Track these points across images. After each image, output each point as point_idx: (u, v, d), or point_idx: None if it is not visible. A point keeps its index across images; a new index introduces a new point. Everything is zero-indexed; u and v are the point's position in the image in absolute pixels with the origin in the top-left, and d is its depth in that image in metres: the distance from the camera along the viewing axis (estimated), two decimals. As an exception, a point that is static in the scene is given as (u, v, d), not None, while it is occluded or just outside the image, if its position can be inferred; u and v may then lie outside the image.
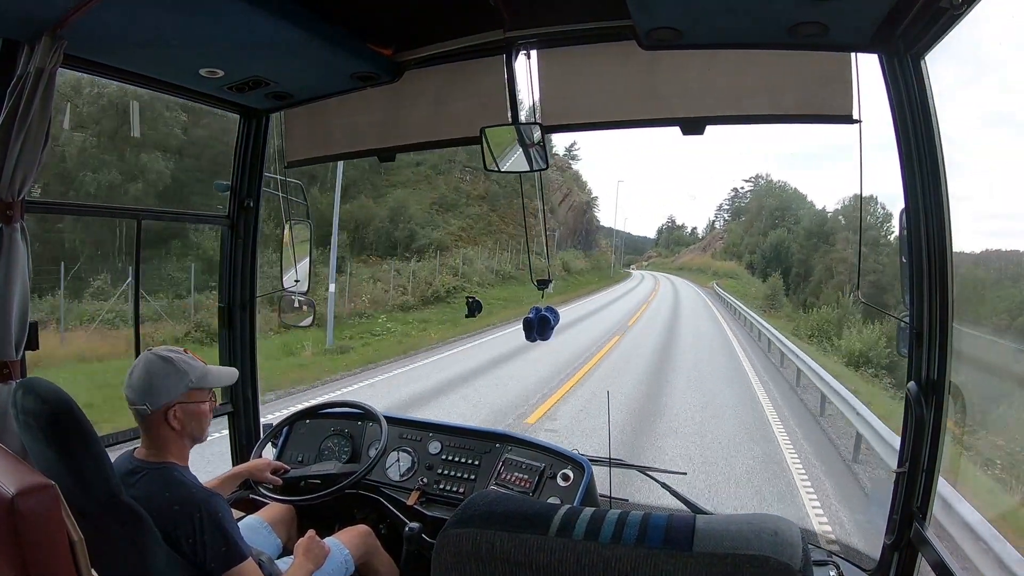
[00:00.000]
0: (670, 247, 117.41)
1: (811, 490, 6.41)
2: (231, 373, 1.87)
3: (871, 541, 4.32)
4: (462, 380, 11.23)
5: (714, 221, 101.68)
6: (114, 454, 1.64)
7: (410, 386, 10.77)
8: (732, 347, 17.36)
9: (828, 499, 6.24)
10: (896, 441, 3.79)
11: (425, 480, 2.38)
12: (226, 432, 2.62)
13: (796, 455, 7.55)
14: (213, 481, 2.00)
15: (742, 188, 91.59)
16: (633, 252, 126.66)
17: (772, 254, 59.53)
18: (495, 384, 10.83)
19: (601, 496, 2.27)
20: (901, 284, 1.78)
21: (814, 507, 5.99)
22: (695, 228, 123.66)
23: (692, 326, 22.73)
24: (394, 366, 13.15)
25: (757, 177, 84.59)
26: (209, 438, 1.78)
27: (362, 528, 2.18)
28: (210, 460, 3.30)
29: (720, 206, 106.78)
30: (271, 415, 4.91)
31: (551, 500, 2.13)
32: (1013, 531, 4.28)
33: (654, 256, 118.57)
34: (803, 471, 6.99)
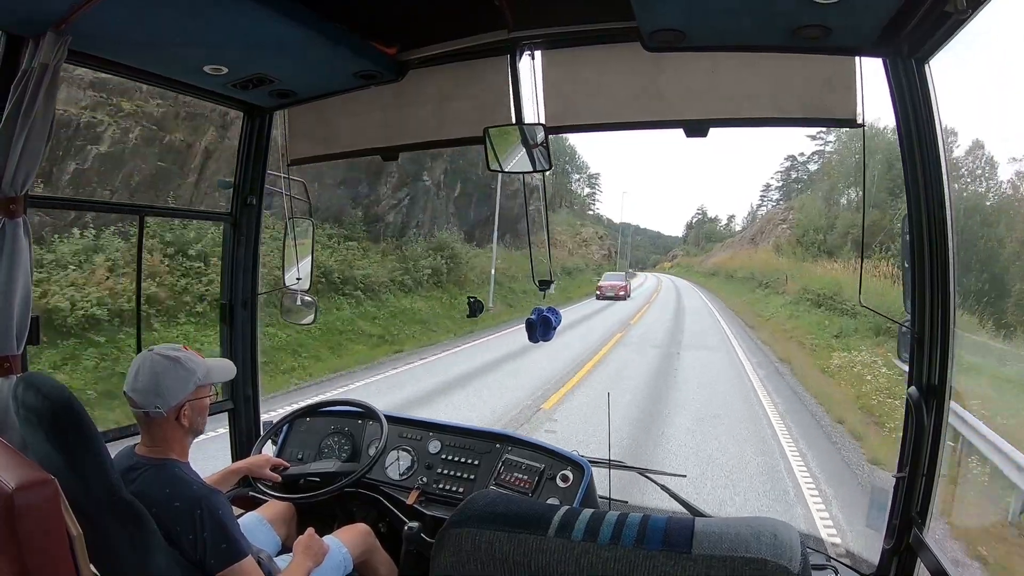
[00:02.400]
0: (700, 244, 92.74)
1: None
2: (230, 367, 1.88)
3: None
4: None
5: (759, 206, 74.74)
6: (114, 449, 1.64)
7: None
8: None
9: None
10: None
11: (425, 479, 2.38)
12: (223, 431, 2.63)
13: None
14: (212, 477, 2.00)
15: (802, 155, 63.54)
16: (660, 252, 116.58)
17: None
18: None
19: (600, 498, 2.26)
20: (903, 289, 1.78)
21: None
22: (732, 217, 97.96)
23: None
24: None
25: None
26: (206, 436, 1.78)
27: (361, 527, 2.18)
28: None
29: (767, 186, 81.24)
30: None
31: (550, 501, 2.12)
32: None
33: (680, 256, 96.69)
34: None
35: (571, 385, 10.40)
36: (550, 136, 2.04)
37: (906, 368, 1.77)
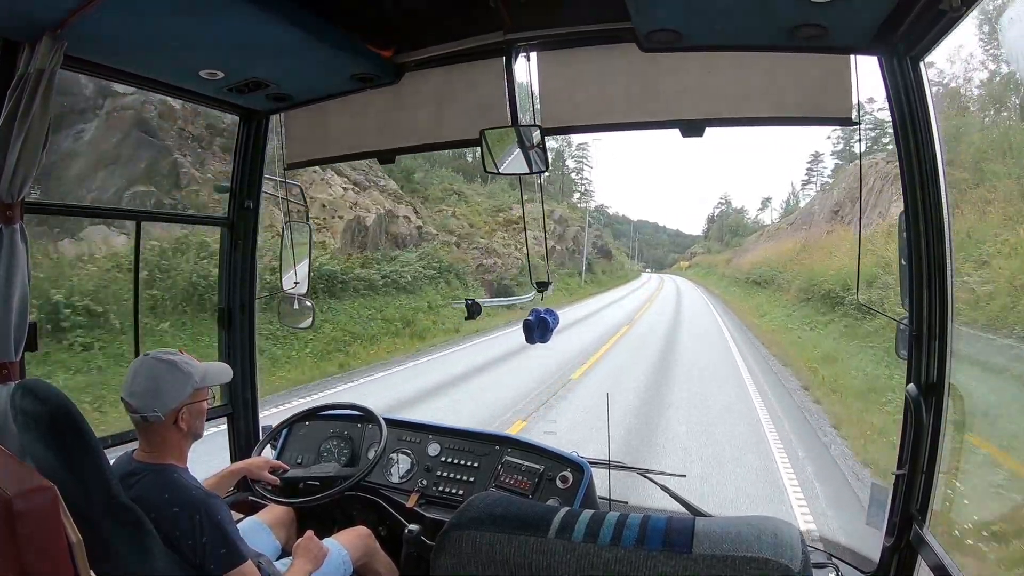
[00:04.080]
0: (724, 239, 78.06)
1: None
2: (227, 370, 1.88)
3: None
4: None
5: (805, 183, 64.68)
6: (112, 455, 1.63)
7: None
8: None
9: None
10: None
11: (424, 482, 2.38)
12: (223, 428, 2.61)
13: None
14: (211, 479, 1.99)
15: (871, 100, 27.89)
16: (680, 251, 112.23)
17: None
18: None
19: (600, 498, 2.26)
20: (900, 286, 1.78)
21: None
22: (767, 200, 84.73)
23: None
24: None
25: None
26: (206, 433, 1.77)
27: (361, 530, 2.17)
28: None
29: (815, 155, 66.45)
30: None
31: (550, 502, 2.12)
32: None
33: (700, 254, 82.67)
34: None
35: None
36: (546, 137, 2.05)
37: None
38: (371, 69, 2.01)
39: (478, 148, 2.08)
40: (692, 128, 1.96)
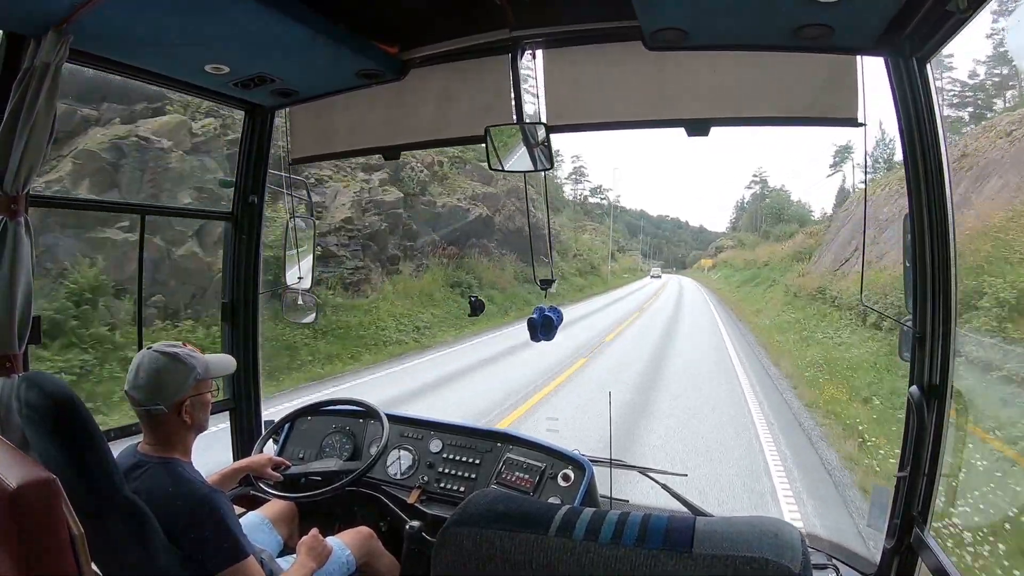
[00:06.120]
0: (760, 229, 62.60)
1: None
2: (230, 361, 1.88)
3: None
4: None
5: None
6: (116, 448, 1.64)
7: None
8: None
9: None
10: None
11: (426, 478, 2.38)
12: (225, 425, 2.63)
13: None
14: (214, 476, 2.00)
15: None
16: (702, 247, 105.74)
17: None
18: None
19: (602, 497, 2.26)
20: (904, 288, 1.78)
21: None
22: (847, 151, 57.62)
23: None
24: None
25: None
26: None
27: (364, 529, 2.18)
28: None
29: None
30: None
31: (552, 500, 2.12)
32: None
33: (730, 247, 65.62)
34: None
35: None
36: (551, 135, 2.04)
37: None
38: (376, 65, 2.01)
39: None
40: (697, 127, 1.96)
